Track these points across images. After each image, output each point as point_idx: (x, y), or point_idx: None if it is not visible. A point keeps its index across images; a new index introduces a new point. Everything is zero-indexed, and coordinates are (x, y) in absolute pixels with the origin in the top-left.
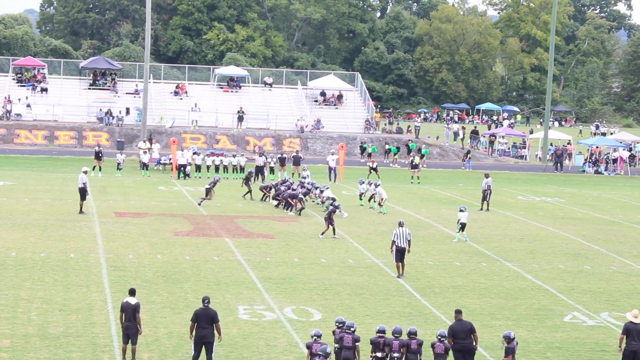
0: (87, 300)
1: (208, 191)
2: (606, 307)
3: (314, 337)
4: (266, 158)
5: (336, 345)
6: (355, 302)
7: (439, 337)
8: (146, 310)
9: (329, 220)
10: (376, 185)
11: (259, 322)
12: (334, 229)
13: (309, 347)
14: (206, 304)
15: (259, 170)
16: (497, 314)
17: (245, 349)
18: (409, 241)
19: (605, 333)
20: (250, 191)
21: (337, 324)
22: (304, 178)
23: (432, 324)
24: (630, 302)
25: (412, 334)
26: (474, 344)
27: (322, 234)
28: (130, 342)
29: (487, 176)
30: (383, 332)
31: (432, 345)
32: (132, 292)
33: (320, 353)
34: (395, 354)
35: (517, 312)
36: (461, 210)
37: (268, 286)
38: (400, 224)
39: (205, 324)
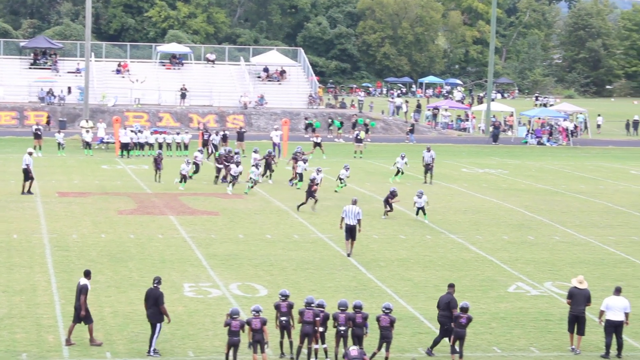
0: (30, 281)
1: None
2: (549, 276)
3: (253, 313)
4: (210, 135)
5: (282, 318)
6: (301, 277)
7: (384, 310)
8: (91, 289)
9: (310, 193)
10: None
11: (204, 299)
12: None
13: (248, 322)
14: (155, 284)
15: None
16: (442, 286)
17: (191, 326)
18: (359, 220)
19: (549, 302)
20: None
21: (281, 297)
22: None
23: (377, 297)
24: (573, 271)
25: (357, 308)
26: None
27: (300, 206)
28: (80, 322)
29: (428, 150)
30: (322, 306)
31: (378, 319)
32: (84, 274)
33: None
34: (342, 327)
35: (461, 284)
36: (418, 196)
37: (213, 263)
38: (353, 202)
39: (150, 304)
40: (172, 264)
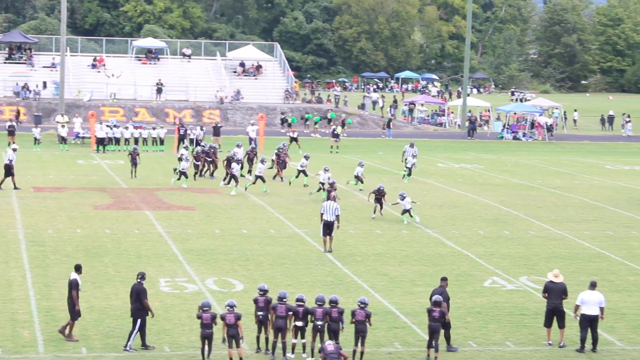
0: (5, 276)
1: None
2: (525, 271)
3: (228, 308)
4: (186, 130)
5: (260, 313)
6: (277, 272)
7: (360, 304)
8: (67, 285)
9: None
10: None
11: (180, 294)
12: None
13: (222, 317)
14: (137, 280)
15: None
16: (418, 281)
17: (167, 321)
18: (337, 216)
19: (524, 297)
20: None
21: (260, 291)
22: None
23: (353, 292)
24: (549, 265)
25: (333, 303)
26: (445, 315)
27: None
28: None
29: (412, 145)
30: (302, 300)
31: (353, 313)
32: (75, 268)
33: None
34: (319, 322)
35: (437, 279)
36: (401, 198)
37: (189, 258)
38: (334, 199)
39: (133, 299)
40: (148, 259)
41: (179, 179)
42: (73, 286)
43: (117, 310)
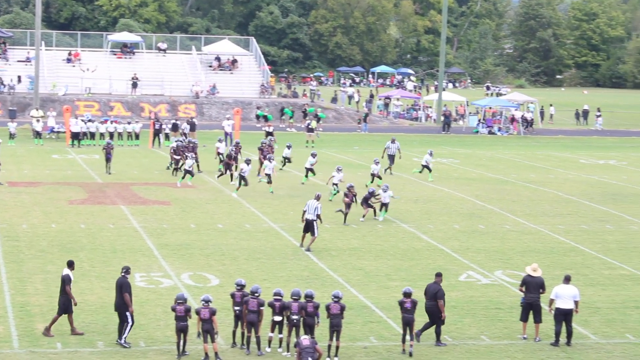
0: None
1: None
2: (500, 265)
3: (203, 302)
4: (161, 124)
5: (236, 308)
6: (253, 266)
7: (334, 298)
8: (42, 280)
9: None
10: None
11: (156, 289)
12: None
13: (197, 312)
14: (122, 274)
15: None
16: (394, 275)
17: (142, 316)
18: (319, 215)
19: (499, 291)
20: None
21: (237, 286)
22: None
23: (329, 286)
24: (524, 259)
25: (308, 297)
26: (440, 311)
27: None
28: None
29: (393, 141)
30: (279, 295)
31: (327, 307)
32: (67, 264)
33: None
34: (294, 316)
35: (412, 273)
36: (384, 190)
37: (165, 253)
38: (316, 197)
39: (117, 293)
40: (123, 254)
41: (183, 178)
42: (66, 281)
43: (92, 305)
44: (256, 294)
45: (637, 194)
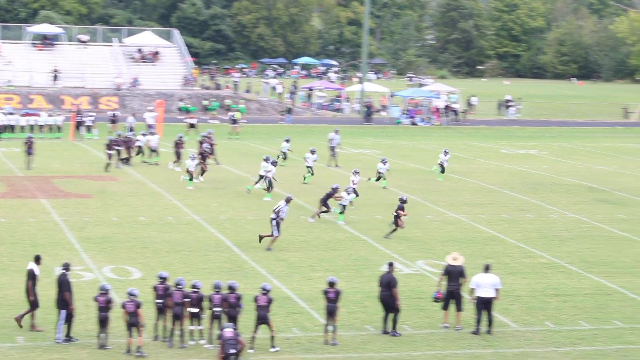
0: None
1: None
2: (422, 255)
3: (128, 296)
4: (82, 117)
5: (158, 301)
6: (175, 259)
7: (262, 291)
8: None
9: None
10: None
11: (77, 283)
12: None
13: (123, 305)
14: (62, 270)
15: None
16: (317, 266)
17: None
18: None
19: (422, 281)
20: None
21: (159, 279)
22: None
23: (252, 278)
24: (445, 249)
25: (231, 289)
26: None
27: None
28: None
29: (337, 132)
30: (196, 287)
31: (255, 299)
32: (34, 259)
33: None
34: (217, 309)
35: (335, 264)
36: (347, 192)
37: (86, 246)
38: (287, 200)
39: (59, 290)
40: (44, 248)
41: (190, 179)
42: (29, 276)
43: (11, 300)
44: (180, 286)
45: (557, 183)
